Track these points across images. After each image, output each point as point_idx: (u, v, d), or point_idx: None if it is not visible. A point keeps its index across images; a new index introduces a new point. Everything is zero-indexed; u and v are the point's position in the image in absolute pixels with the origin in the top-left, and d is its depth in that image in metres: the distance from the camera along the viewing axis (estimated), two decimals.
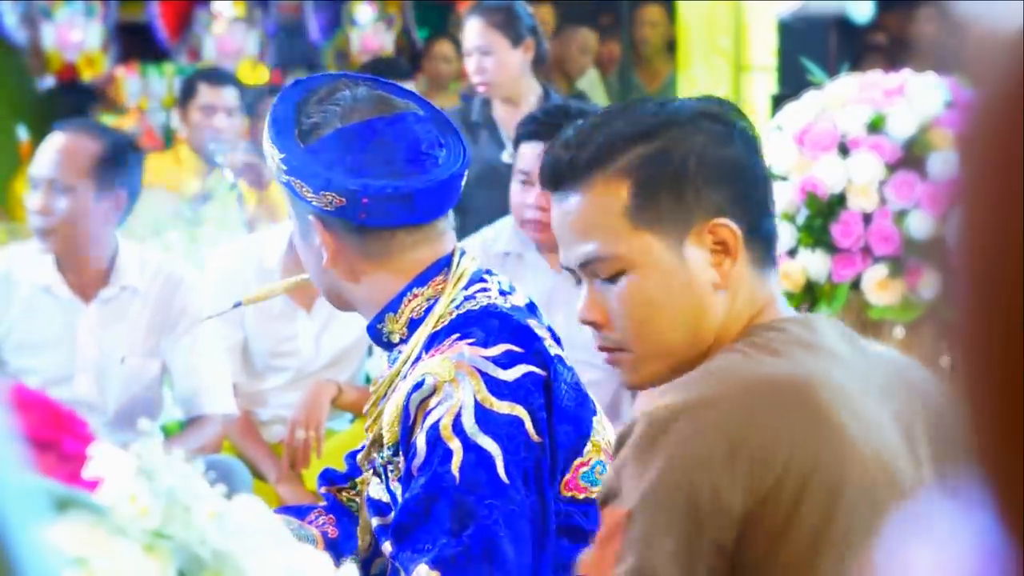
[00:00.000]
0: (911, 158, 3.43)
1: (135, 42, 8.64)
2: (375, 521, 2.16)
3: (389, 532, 2.07)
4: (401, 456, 2.06)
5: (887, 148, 3.45)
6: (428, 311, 2.12)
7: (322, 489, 2.35)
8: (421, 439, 2.01)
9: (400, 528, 2.02)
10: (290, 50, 8.78)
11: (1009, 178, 0.59)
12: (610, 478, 1.59)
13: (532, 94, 4.77)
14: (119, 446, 1.27)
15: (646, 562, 1.54)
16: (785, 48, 6.79)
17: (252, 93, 6.14)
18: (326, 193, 2.07)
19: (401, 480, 2.07)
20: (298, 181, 2.08)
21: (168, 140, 7.59)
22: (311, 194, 2.08)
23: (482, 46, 4.72)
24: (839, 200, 3.47)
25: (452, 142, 2.15)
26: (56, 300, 3.73)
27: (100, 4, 8.51)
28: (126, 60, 8.53)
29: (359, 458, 2.20)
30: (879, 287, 3.44)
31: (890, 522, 1.37)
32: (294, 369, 4.06)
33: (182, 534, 1.19)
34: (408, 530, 2.01)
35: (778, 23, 6.97)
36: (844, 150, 3.49)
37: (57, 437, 1.35)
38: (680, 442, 1.55)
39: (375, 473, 2.14)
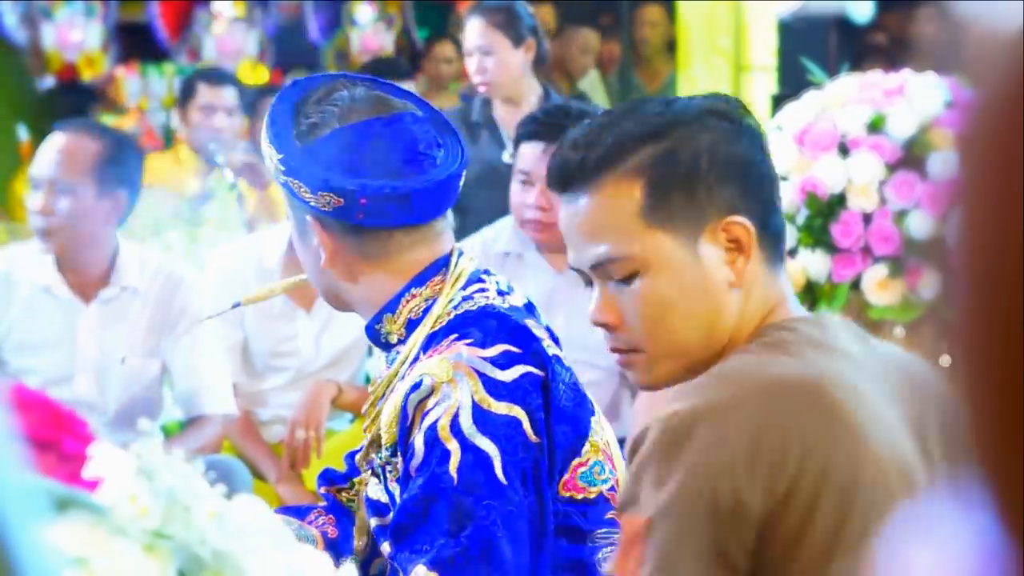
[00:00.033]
0: (911, 158, 3.42)
1: (135, 42, 8.64)
2: (374, 521, 2.15)
3: (387, 533, 2.07)
4: (399, 457, 2.06)
5: (887, 148, 3.44)
6: (426, 312, 2.11)
7: (322, 489, 2.34)
8: (419, 440, 2.00)
9: (398, 529, 2.02)
10: (290, 50, 8.77)
11: (1009, 178, 0.59)
12: (628, 484, 1.58)
13: (533, 94, 4.76)
14: (119, 446, 1.27)
15: (669, 568, 1.54)
16: (785, 48, 6.79)
17: (252, 93, 6.13)
18: (324, 193, 2.06)
19: (399, 481, 2.07)
20: (296, 181, 2.08)
21: (168, 140, 7.59)
22: (309, 194, 2.08)
23: (483, 46, 4.71)
24: (839, 200, 3.47)
25: (450, 142, 2.14)
26: (56, 300, 3.73)
27: (100, 4, 8.51)
28: (126, 60, 8.53)
29: (357, 458, 2.19)
30: (879, 287, 3.44)
31: (892, 522, 1.37)
32: (294, 369, 4.05)
33: (182, 534, 1.19)
34: (406, 531, 2.01)
35: (778, 23, 6.97)
36: (844, 150, 3.49)
37: (57, 437, 1.35)
38: (703, 449, 1.54)
39: (373, 474, 2.14)
